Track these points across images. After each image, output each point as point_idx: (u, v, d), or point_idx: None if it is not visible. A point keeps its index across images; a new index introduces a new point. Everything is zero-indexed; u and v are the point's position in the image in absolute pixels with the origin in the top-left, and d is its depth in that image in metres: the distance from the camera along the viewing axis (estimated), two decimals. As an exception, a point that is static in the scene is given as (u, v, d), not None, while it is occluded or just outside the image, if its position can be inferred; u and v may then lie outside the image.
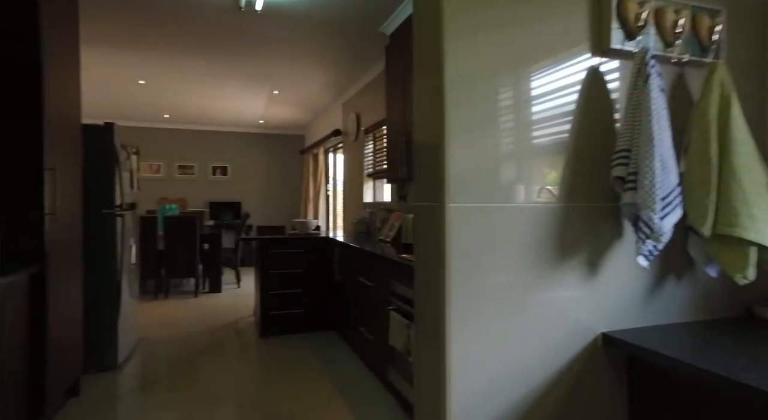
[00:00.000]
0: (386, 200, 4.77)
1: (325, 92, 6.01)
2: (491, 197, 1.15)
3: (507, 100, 1.17)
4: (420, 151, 1.28)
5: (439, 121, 1.13)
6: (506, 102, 1.17)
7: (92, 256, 3.19)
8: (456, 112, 1.12)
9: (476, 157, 1.14)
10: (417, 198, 1.28)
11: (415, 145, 1.31)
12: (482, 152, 1.15)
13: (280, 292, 4.08)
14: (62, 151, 2.58)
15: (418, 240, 1.29)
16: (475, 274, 1.12)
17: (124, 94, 6.09)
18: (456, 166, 1.12)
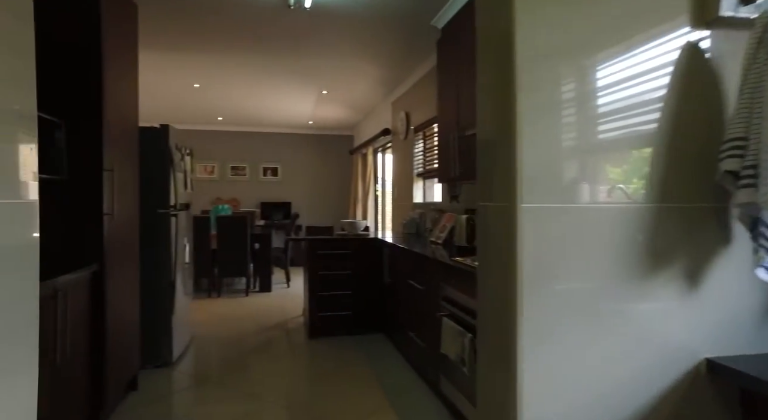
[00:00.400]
0: (437, 200, 4.63)
1: (373, 91, 5.94)
2: (570, 197, 1.00)
3: (588, 84, 1.01)
4: (485, 145, 1.14)
5: (509, 109, 0.99)
6: (587, 86, 1.01)
7: (148, 255, 3.24)
8: (529, 98, 0.97)
9: (552, 151, 0.99)
10: (481, 197, 1.14)
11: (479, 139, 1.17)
12: (559, 145, 1.00)
13: (328, 294, 4.03)
14: (120, 152, 2.62)
15: (482, 244, 1.15)
16: (550, 283, 0.97)
17: (180, 97, 6.28)
18: (529, 161, 0.97)
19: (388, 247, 3.86)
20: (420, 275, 2.98)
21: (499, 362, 1.03)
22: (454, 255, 2.76)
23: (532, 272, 0.94)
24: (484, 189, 1.12)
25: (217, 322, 4.60)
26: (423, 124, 4.96)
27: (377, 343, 3.88)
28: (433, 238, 3.66)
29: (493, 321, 1.07)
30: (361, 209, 7.78)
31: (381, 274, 4.09)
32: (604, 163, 1.02)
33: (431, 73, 4.59)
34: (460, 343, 2.11)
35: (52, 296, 1.92)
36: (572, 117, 1.00)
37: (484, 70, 1.14)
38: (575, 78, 1.01)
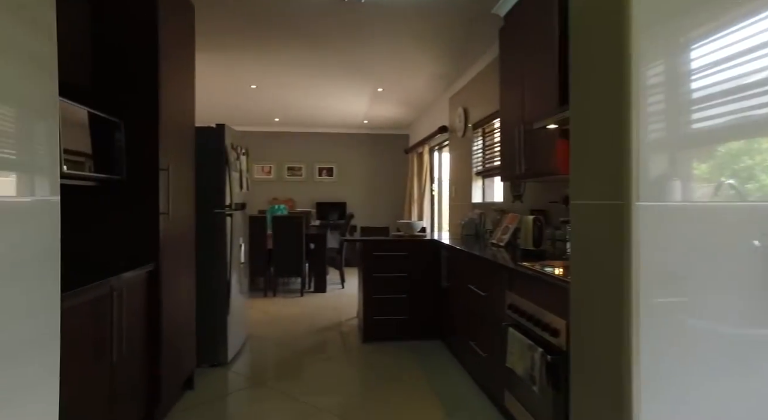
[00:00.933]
0: (497, 200, 4.38)
1: (430, 87, 5.76)
2: (704, 192, 0.77)
3: (726, 50, 0.79)
4: (582, 130, 0.94)
5: (622, 84, 0.78)
6: (725, 52, 0.79)
7: (203, 254, 3.25)
8: (650, 69, 0.76)
9: (680, 134, 0.77)
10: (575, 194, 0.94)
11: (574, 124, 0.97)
12: (688, 127, 0.77)
13: (383, 297, 3.90)
14: (176, 152, 2.62)
15: (577, 252, 0.95)
16: (679, 306, 0.75)
17: (238, 99, 6.40)
18: (649, 147, 0.76)
19: (446, 249, 3.67)
20: (481, 280, 2.77)
21: (603, 400, 0.83)
22: (519, 259, 2.53)
23: (652, 289, 0.73)
24: (581, 183, 0.92)
25: (272, 322, 4.59)
26: (482, 120, 4.72)
27: (434, 351, 3.70)
28: (494, 241, 3.43)
29: (594, 348, 0.87)
30: (416, 210, 7.61)
31: (438, 277, 3.90)
32: (755, 151, 0.80)
33: (492, 66, 4.35)
34: (529, 358, 1.90)
35: (109, 295, 1.91)
36: (708, 90, 0.78)
37: (582, 41, 0.94)
38: (708, 43, 0.79)
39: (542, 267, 2.11)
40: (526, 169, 2.71)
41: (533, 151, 2.61)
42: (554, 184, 3.03)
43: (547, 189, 3.15)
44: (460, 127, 5.30)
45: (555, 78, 2.29)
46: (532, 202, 3.39)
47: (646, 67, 0.76)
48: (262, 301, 5.52)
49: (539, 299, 1.97)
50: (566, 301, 1.70)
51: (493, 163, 4.53)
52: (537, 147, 2.56)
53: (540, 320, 1.90)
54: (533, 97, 2.61)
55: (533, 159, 2.61)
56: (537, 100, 2.55)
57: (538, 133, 2.53)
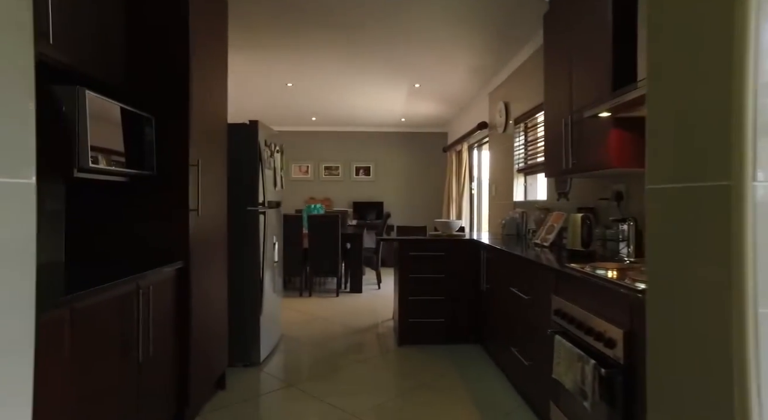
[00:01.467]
0: (541, 198, 4.15)
1: (468, 82, 5.56)
2: None
3: None
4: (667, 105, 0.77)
5: (733, 44, 0.60)
6: None
7: (236, 252, 3.21)
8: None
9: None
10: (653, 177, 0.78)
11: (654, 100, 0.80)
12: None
13: (419, 299, 3.76)
14: (207, 148, 2.58)
15: (659, 245, 0.78)
16: None
17: (275, 98, 6.41)
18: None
19: (486, 249, 3.48)
20: (524, 283, 2.59)
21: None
22: (567, 260, 2.34)
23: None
24: (663, 165, 0.74)
25: (306, 322, 4.53)
26: (524, 115, 4.49)
27: (472, 356, 3.52)
28: (538, 241, 3.22)
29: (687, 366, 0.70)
30: (455, 209, 7.42)
31: (477, 279, 3.72)
32: None
33: (534, 57, 4.12)
34: (579, 370, 1.71)
35: (135, 292, 1.87)
36: None
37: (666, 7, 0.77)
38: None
39: (593, 269, 1.92)
40: (573, 163, 2.51)
41: (582, 144, 2.41)
42: (604, 180, 2.80)
43: (595, 185, 2.92)
44: (501, 122, 5.09)
45: (607, 62, 2.09)
46: (578, 200, 3.16)
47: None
48: (298, 301, 5.48)
49: (590, 305, 1.78)
50: (624, 308, 1.51)
51: (536, 159, 4.31)
52: (586, 139, 2.36)
53: (591, 328, 1.72)
54: (582, 84, 2.41)
55: (582, 152, 2.41)
56: (586, 87, 2.35)
57: (587, 123, 2.32)
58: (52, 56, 1.70)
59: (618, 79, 2.01)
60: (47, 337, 1.34)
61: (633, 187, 2.47)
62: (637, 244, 2.26)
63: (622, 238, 2.32)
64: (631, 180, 2.50)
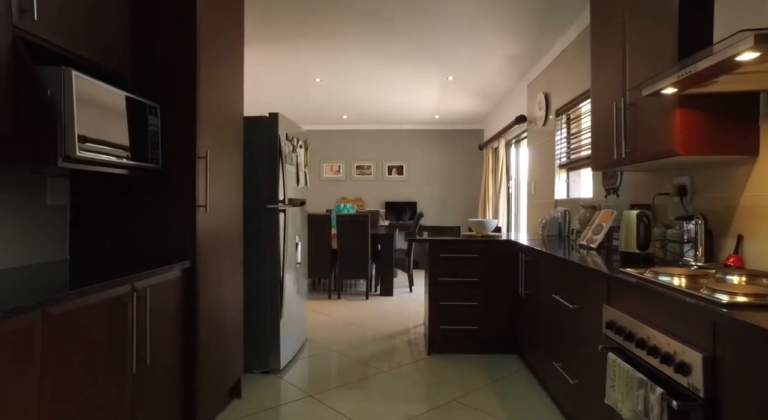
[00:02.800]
0: (586, 196, 3.78)
1: (505, 72, 5.23)
2: None
3: None
4: None
5: None
6: None
7: (253, 253, 3.04)
8: None
9: None
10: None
11: None
12: None
13: (451, 304, 3.48)
14: (219, 140, 2.40)
15: None
16: None
17: (303, 94, 6.26)
18: None
19: (525, 251, 3.17)
20: (570, 289, 2.27)
21: None
22: (620, 265, 2.01)
23: None
24: None
25: (333, 326, 4.33)
26: (566, 106, 4.14)
27: (509, 367, 3.21)
28: (583, 242, 2.89)
29: None
30: (491, 208, 7.07)
31: (515, 283, 3.41)
32: None
33: (578, 42, 3.77)
34: (640, 398, 1.40)
35: (129, 295, 1.69)
36: None
37: None
38: None
39: (655, 275, 1.60)
40: (627, 153, 2.18)
41: (638, 130, 2.08)
42: (662, 173, 2.45)
43: (651, 179, 2.57)
44: (541, 115, 4.73)
45: (672, 24, 1.76)
46: (631, 196, 2.81)
47: None
48: (325, 304, 5.29)
49: (654, 319, 1.47)
50: (703, 326, 1.20)
51: (580, 153, 3.95)
52: (644, 124, 2.03)
53: (656, 348, 1.41)
54: (639, 59, 2.08)
55: (638, 140, 2.08)
56: (644, 61, 2.02)
57: (645, 105, 2.00)
58: (37, 34, 1.55)
59: (685, 47, 1.69)
60: (9, 348, 1.16)
61: (699, 180, 2.12)
62: (707, 246, 1.91)
63: (687, 239, 1.98)
64: (696, 171, 2.14)
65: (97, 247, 2.14)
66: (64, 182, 2.12)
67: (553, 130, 4.43)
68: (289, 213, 3.27)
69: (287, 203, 3.24)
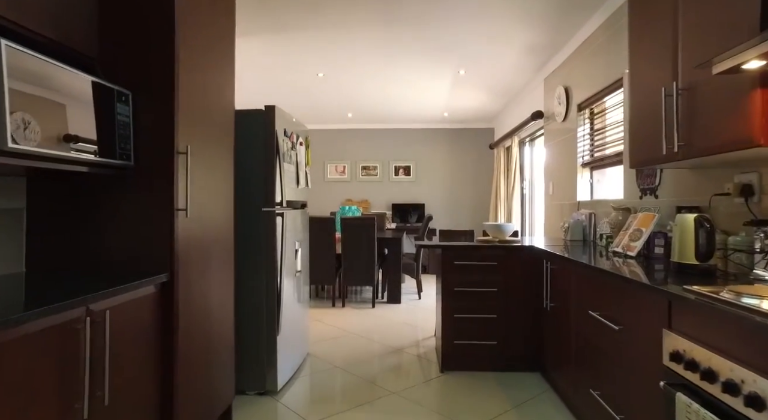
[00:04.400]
0: (613, 197, 3.44)
1: (520, 65, 4.90)
2: None
3: None
4: None
5: None
6: None
7: (247, 261, 2.73)
8: None
9: None
10: None
11: None
12: None
13: (467, 317, 3.15)
14: (204, 135, 2.09)
15: None
16: None
17: (307, 90, 5.95)
18: None
19: (550, 259, 2.83)
20: (613, 306, 1.94)
21: None
22: (675, 278, 1.68)
23: None
24: None
25: (337, 338, 4.01)
26: (590, 100, 3.80)
27: (532, 388, 2.88)
28: (618, 249, 2.55)
29: None
30: (504, 211, 6.73)
31: (538, 294, 3.07)
32: None
33: (605, 28, 3.44)
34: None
35: (80, 321, 1.38)
36: None
37: None
38: None
39: (737, 296, 1.27)
40: (681, 146, 1.84)
41: (697, 118, 1.75)
42: (716, 171, 2.11)
43: (701, 177, 2.23)
44: (560, 111, 4.40)
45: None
46: (674, 197, 2.47)
47: None
48: (329, 313, 4.97)
49: (746, 355, 1.14)
50: None
51: (605, 150, 3.61)
52: (706, 110, 1.70)
53: (755, 396, 1.07)
54: (700, 33, 1.74)
55: (697, 129, 1.74)
56: (710, 34, 1.69)
57: (708, 88, 1.66)
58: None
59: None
60: None
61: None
62: (787, 257, 1.58)
63: (761, 250, 1.64)
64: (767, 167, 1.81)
65: (59, 258, 1.84)
66: (19, 182, 1.81)
67: (574, 127, 4.10)
68: (288, 216, 2.96)
69: (285, 206, 2.92)
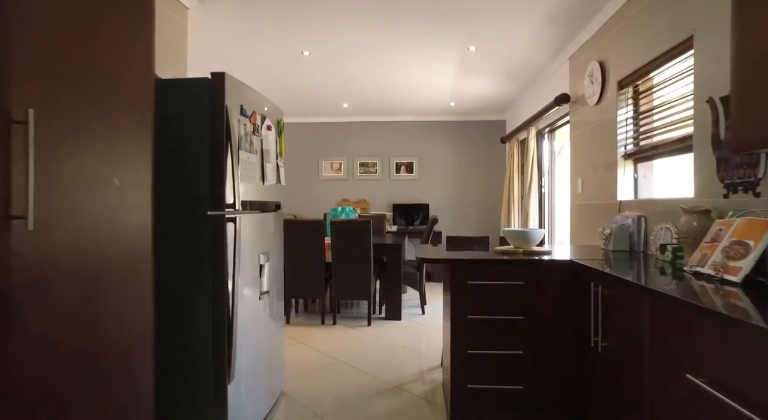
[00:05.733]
0: (669, 196, 2.68)
1: (542, 41, 4.14)
2: None
3: None
4: None
5: None
6: None
7: (185, 284, 2.00)
8: None
9: None
10: None
11: None
12: None
13: (483, 353, 2.40)
14: (78, 99, 1.35)
15: None
16: None
17: (290, 73, 5.21)
18: None
19: (603, 280, 2.08)
20: (748, 378, 1.18)
21: None
22: None
23: None
24: None
25: (323, 369, 3.27)
26: (635, 74, 3.04)
27: (576, 455, 2.13)
28: (706, 269, 1.78)
29: None
30: (519, 212, 5.97)
31: (582, 326, 2.32)
32: None
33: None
34: None
35: None
36: None
37: None
38: None
39: None
40: None
41: None
42: None
43: None
44: (593, 91, 3.64)
45: None
46: (789, 195, 1.71)
47: None
48: (317, 331, 4.23)
49: None
50: None
51: (652, 138, 2.87)
52: None
53: None
54: None
55: None
56: None
57: None
58: None
59: None
60: None
61: None
62: None
63: None
64: None
65: None
66: None
67: (611, 111, 3.34)
68: (245, 222, 2.22)
69: (242, 208, 2.19)
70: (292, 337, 4.05)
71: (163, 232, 1.93)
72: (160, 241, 1.74)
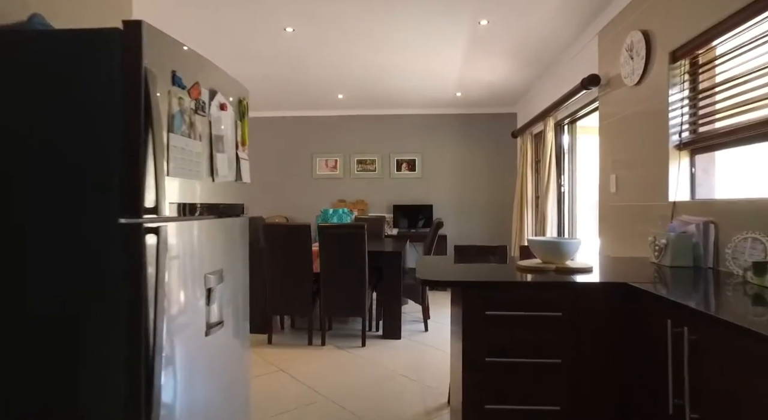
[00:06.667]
0: (739, 196, 2.04)
1: (567, 11, 3.51)
2: None
3: None
4: None
5: None
6: None
7: (77, 332, 1.39)
8: None
9: None
10: None
11: None
12: None
13: (507, 409, 1.77)
14: None
15: None
16: None
17: (272, 57, 4.60)
18: None
19: (693, 321, 1.44)
20: None
21: None
22: None
23: None
24: None
25: (303, 407, 2.65)
26: (695, 41, 2.41)
27: None
28: None
29: None
30: (533, 215, 5.34)
31: (649, 379, 1.68)
32: None
33: None
34: None
35: None
36: None
37: None
38: None
39: None
40: None
41: None
42: None
43: None
44: (633, 68, 3.00)
45: None
46: None
47: None
48: (302, 355, 3.62)
49: None
50: None
51: (713, 124, 2.24)
52: None
53: None
54: None
55: None
56: None
57: None
58: None
59: None
60: None
61: None
62: None
63: None
64: None
65: None
66: None
67: (660, 89, 2.71)
68: (177, 232, 1.60)
69: (177, 213, 1.56)
70: (271, 362, 3.44)
71: (40, 251, 1.31)
72: (38, 266, 1.12)
